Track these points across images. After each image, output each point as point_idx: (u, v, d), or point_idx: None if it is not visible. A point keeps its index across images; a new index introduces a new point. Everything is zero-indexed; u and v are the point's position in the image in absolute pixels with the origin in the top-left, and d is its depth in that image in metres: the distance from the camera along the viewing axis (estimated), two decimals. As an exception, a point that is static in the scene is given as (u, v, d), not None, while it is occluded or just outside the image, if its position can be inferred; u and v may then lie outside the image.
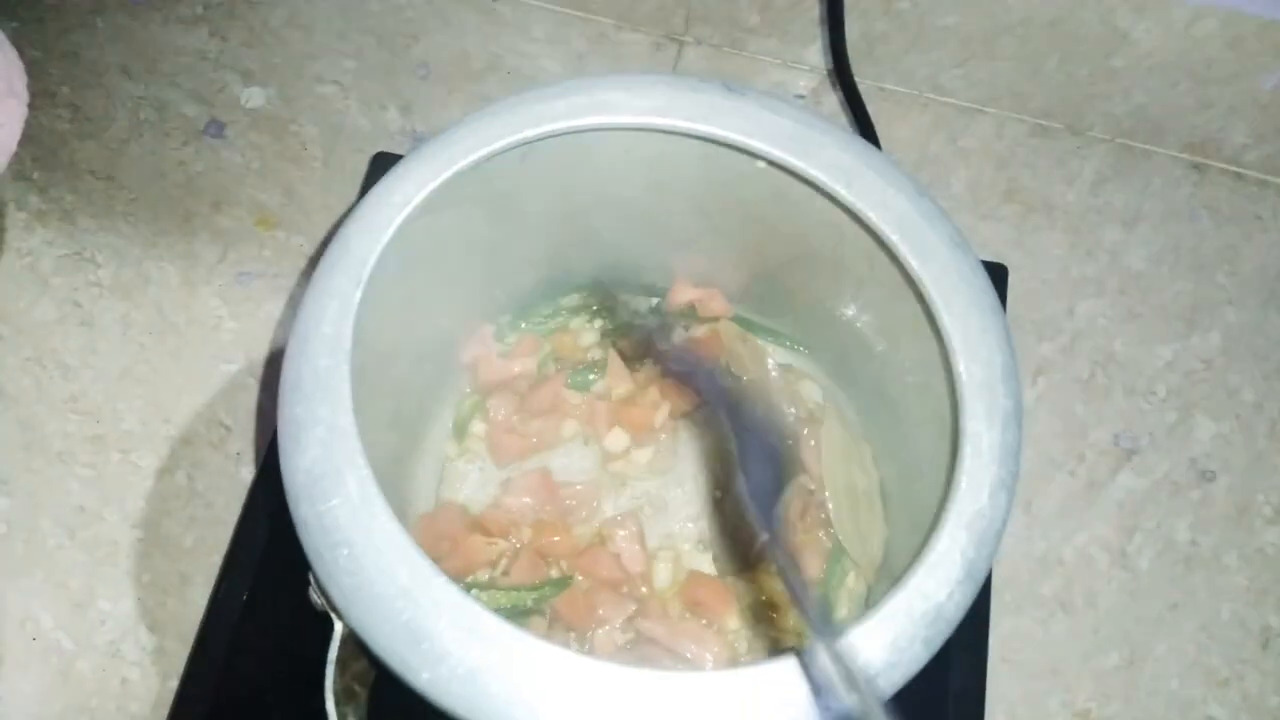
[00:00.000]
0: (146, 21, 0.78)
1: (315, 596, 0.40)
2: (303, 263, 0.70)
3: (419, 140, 0.74)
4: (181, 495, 0.64)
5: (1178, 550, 0.65)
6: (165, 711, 0.58)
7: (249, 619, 0.56)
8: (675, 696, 0.36)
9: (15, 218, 0.71)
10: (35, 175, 0.72)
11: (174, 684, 0.59)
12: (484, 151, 0.45)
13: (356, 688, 0.41)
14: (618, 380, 0.58)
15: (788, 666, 0.37)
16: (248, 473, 0.64)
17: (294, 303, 0.69)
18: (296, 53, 0.77)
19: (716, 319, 0.60)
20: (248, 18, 0.78)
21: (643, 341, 0.59)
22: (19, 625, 0.60)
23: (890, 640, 0.38)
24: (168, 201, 0.72)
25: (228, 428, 0.66)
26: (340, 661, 0.40)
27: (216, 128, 0.75)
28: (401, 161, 0.45)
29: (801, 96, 0.78)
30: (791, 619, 0.54)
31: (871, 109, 0.76)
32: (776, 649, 0.53)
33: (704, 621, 0.54)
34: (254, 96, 0.76)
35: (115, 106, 0.75)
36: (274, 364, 0.68)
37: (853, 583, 0.55)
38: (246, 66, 0.77)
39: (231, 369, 0.68)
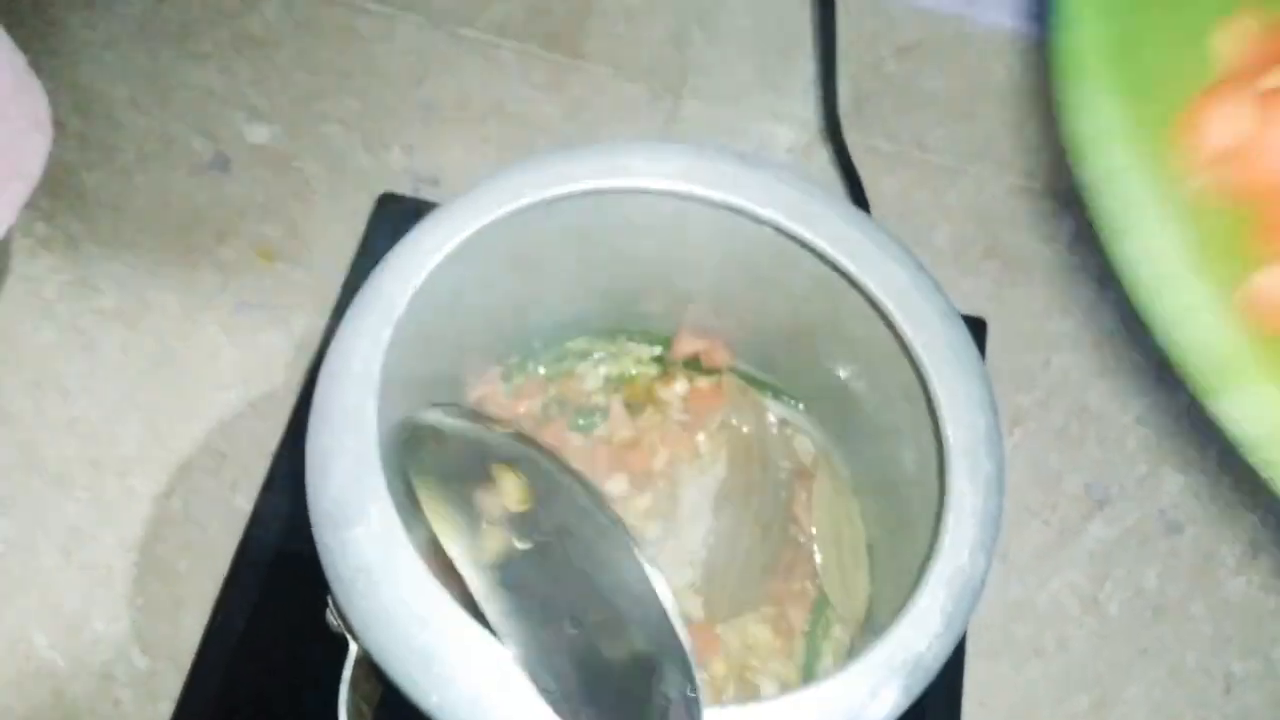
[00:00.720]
0: (156, 56, 0.79)
1: (332, 619, 0.41)
2: (302, 296, 0.72)
3: (420, 180, 0.76)
4: (176, 520, 0.65)
5: (1146, 598, 0.68)
6: (158, 734, 0.59)
7: (247, 643, 0.57)
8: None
9: (21, 244, 0.72)
10: (43, 203, 0.73)
11: (165, 706, 0.60)
12: (513, 206, 0.47)
13: (364, 707, 0.43)
14: (619, 425, 0.60)
15: (768, 712, 0.39)
16: (242, 500, 0.65)
17: (293, 334, 0.70)
18: (302, 91, 0.79)
19: (719, 371, 0.62)
20: (255, 56, 0.80)
21: (645, 388, 0.61)
22: (12, 645, 0.61)
23: (870, 688, 0.40)
24: (171, 232, 0.73)
25: (223, 455, 0.67)
26: (353, 683, 0.41)
27: (222, 162, 0.76)
28: (435, 210, 0.47)
29: (791, 150, 0.81)
30: (778, 666, 0.56)
31: (859, 163, 0.79)
32: (758, 695, 0.55)
33: None
34: (259, 133, 0.77)
35: (123, 138, 0.76)
36: (272, 395, 0.69)
37: (838, 634, 0.57)
38: (252, 103, 0.78)
39: (229, 397, 0.69)
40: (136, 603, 0.63)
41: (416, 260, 0.45)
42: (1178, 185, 0.33)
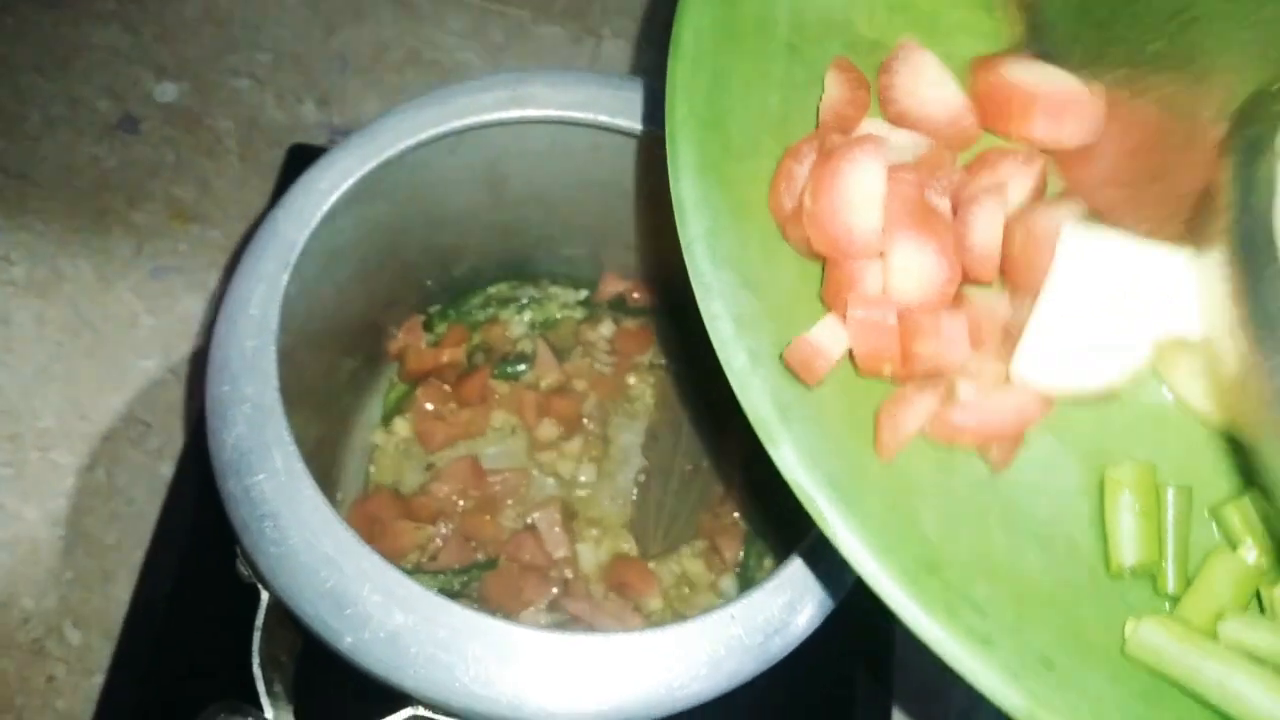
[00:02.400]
0: (58, 18, 0.77)
1: (242, 568, 0.40)
2: (220, 256, 0.70)
3: (336, 133, 0.75)
4: (101, 492, 0.64)
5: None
6: (92, 707, 0.58)
7: (173, 610, 0.56)
8: (587, 656, 0.38)
9: (-75, 217, 0.70)
10: (-55, 173, 0.71)
11: (99, 679, 0.59)
12: (411, 141, 0.46)
13: (283, 658, 0.42)
14: (547, 370, 0.59)
15: (692, 629, 0.39)
16: (168, 469, 0.64)
17: (211, 297, 0.69)
18: (210, 46, 0.77)
19: (645, 311, 0.61)
20: (160, 12, 0.78)
21: (571, 332, 0.60)
22: (-63, 626, 0.59)
23: (787, 600, 0.40)
24: (81, 198, 0.71)
25: (147, 424, 0.66)
26: (266, 630, 0.40)
27: (130, 123, 0.74)
28: (330, 150, 0.46)
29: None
30: (711, 599, 0.55)
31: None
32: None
33: (627, 602, 0.55)
34: (167, 91, 0.75)
35: (27, 103, 0.74)
36: (194, 360, 0.67)
37: (770, 562, 0.56)
38: (159, 61, 0.76)
39: (149, 365, 0.67)
40: (65, 577, 0.62)
41: (313, 200, 0.43)
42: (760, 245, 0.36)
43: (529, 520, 0.56)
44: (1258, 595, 0.36)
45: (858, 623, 0.41)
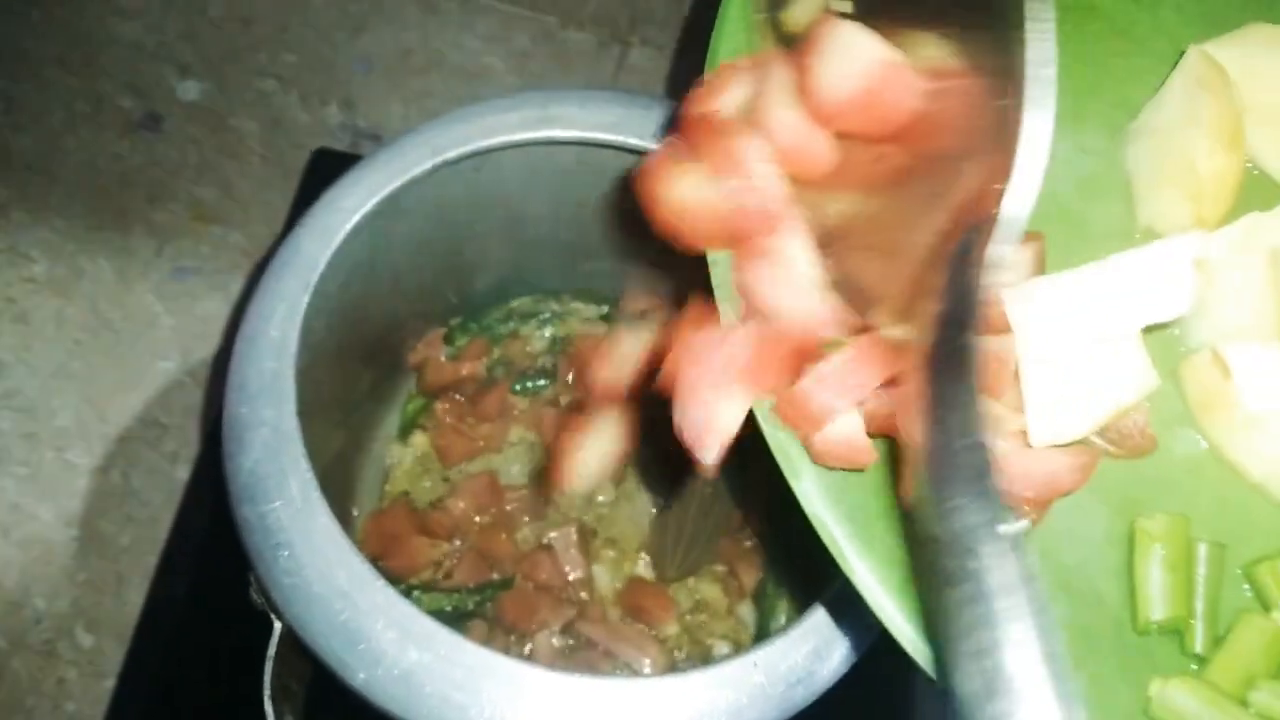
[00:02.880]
0: (83, 13, 0.76)
1: (255, 596, 0.40)
2: (240, 258, 0.70)
3: (360, 136, 0.74)
4: (117, 494, 0.64)
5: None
6: (102, 710, 0.58)
7: (187, 618, 0.56)
8: (606, 700, 0.37)
9: (-54, 212, 0.70)
10: (-34, 168, 0.71)
11: (110, 683, 0.59)
12: (436, 160, 0.45)
13: (294, 685, 0.41)
14: (567, 388, 0.59)
15: (713, 676, 0.38)
16: (183, 472, 0.64)
17: (231, 299, 0.69)
18: (235, 46, 0.76)
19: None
20: (185, 10, 0.77)
21: (592, 350, 0.60)
22: (-50, 626, 0.59)
23: (812, 649, 0.39)
24: (103, 196, 0.71)
25: (163, 426, 0.65)
26: (278, 659, 0.40)
27: (153, 121, 0.74)
28: (355, 166, 0.45)
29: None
30: (729, 626, 0.55)
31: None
32: (711, 656, 0.54)
33: (643, 627, 0.54)
34: (191, 90, 0.75)
35: (50, 99, 0.73)
36: (212, 364, 0.67)
37: (787, 593, 0.56)
38: (183, 59, 0.76)
39: (168, 366, 0.67)
40: (78, 579, 0.62)
41: (336, 219, 0.43)
42: None
43: (545, 539, 0.56)
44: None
45: (877, 671, 0.40)
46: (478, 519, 0.56)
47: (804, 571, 0.53)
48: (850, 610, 0.39)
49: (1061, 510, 0.36)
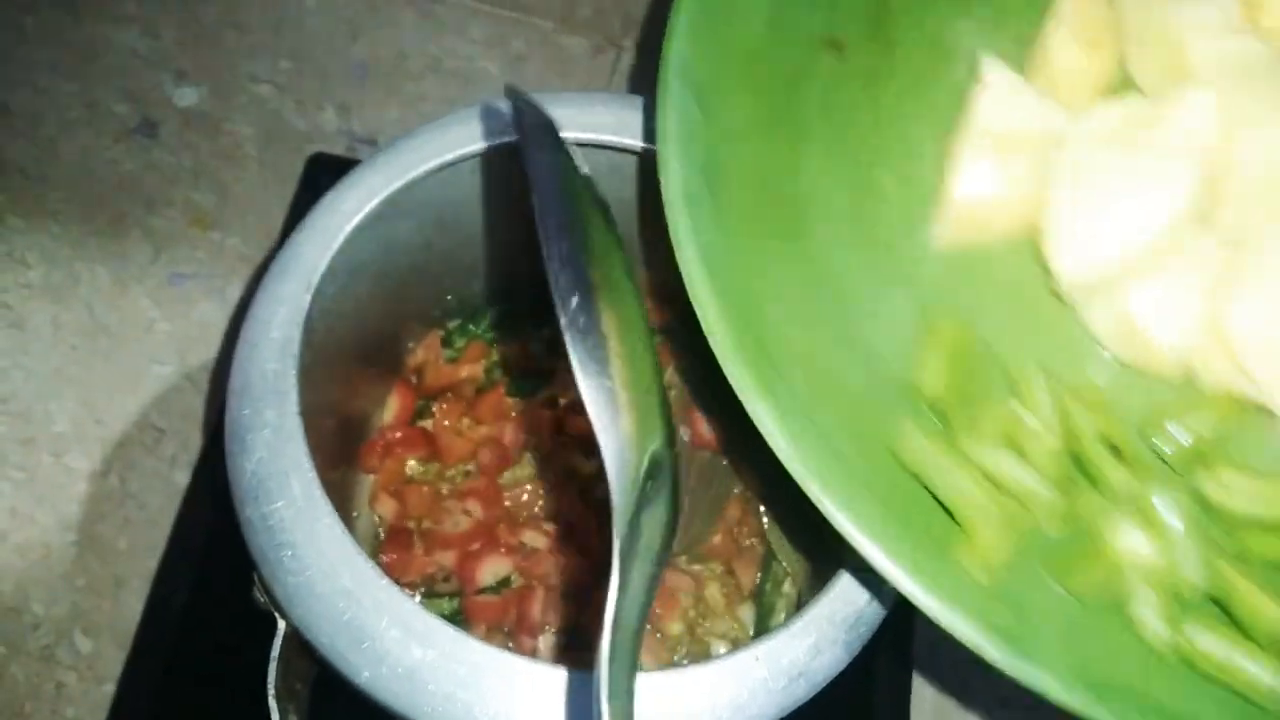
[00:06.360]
0: (78, 20, 0.76)
1: (259, 596, 0.40)
2: (237, 264, 0.70)
3: (356, 140, 0.74)
4: (115, 498, 0.64)
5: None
6: (102, 715, 0.58)
7: (188, 621, 0.56)
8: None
9: (-58, 218, 0.70)
10: (-38, 174, 0.71)
11: (110, 688, 0.59)
12: (435, 163, 0.45)
13: (298, 685, 0.42)
14: (565, 388, 0.59)
15: (714, 670, 0.38)
16: (181, 476, 0.64)
17: (228, 304, 0.69)
18: (230, 51, 0.77)
19: (662, 330, 0.61)
20: (180, 15, 0.77)
21: None
22: (-52, 631, 0.59)
23: (813, 644, 0.40)
24: (99, 201, 0.71)
25: (161, 430, 0.66)
26: (282, 660, 0.40)
27: (149, 127, 0.74)
28: (355, 169, 0.45)
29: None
30: (728, 624, 0.55)
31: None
32: (711, 656, 0.54)
33: (649, 627, 0.55)
34: (187, 95, 0.75)
35: (45, 105, 0.74)
36: (209, 368, 0.67)
37: (788, 588, 0.56)
38: (179, 65, 0.76)
39: (164, 371, 0.67)
40: (77, 583, 0.62)
41: (335, 221, 0.43)
42: None
43: (547, 539, 0.56)
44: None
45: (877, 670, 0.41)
46: (478, 519, 0.56)
47: (805, 566, 0.53)
48: (851, 605, 0.40)
49: (880, 304, 0.43)
